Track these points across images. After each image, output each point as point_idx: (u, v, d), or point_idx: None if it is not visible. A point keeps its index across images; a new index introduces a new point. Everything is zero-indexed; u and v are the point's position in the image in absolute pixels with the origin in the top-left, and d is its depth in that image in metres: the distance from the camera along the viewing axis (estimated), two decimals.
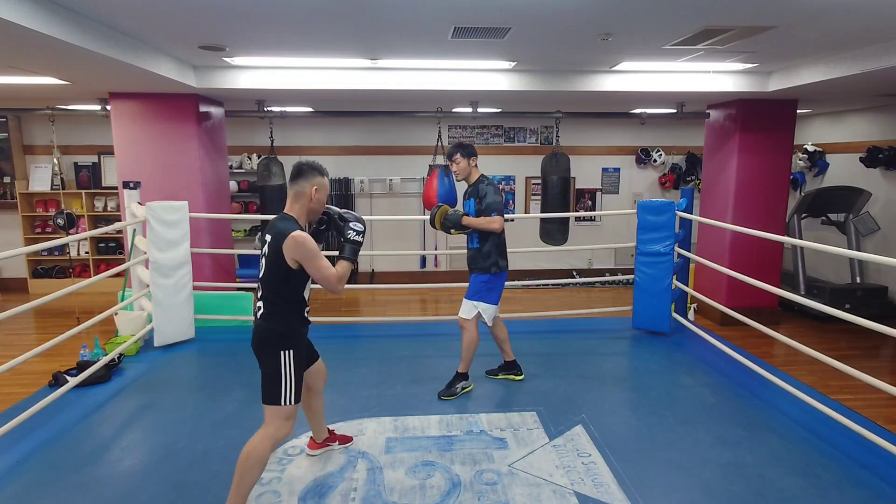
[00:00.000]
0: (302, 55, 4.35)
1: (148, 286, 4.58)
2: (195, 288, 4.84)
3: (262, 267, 2.43)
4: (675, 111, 6.45)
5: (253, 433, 2.44)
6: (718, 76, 5.06)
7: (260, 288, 2.45)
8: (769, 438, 3.17)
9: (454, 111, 6.83)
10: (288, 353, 2.40)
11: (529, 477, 2.81)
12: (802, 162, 7.61)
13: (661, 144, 8.52)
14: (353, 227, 2.50)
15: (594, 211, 8.54)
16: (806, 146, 7.61)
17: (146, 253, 4.50)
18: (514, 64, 4.74)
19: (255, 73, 4.83)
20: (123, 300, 4.82)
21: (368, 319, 6.36)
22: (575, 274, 8.37)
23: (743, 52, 4.17)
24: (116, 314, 4.56)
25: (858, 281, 6.59)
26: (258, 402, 2.45)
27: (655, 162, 8.50)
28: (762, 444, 3.11)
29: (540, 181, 6.27)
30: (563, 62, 4.72)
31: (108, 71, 4.05)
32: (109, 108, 5.30)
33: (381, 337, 5.07)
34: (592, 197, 8.63)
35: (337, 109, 6.81)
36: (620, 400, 3.75)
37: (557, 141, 6.03)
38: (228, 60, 4.49)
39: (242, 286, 5.86)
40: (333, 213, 2.56)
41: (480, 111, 6.28)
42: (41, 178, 7.56)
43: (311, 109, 6.74)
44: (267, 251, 2.38)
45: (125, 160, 5.27)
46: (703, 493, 2.68)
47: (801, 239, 6.66)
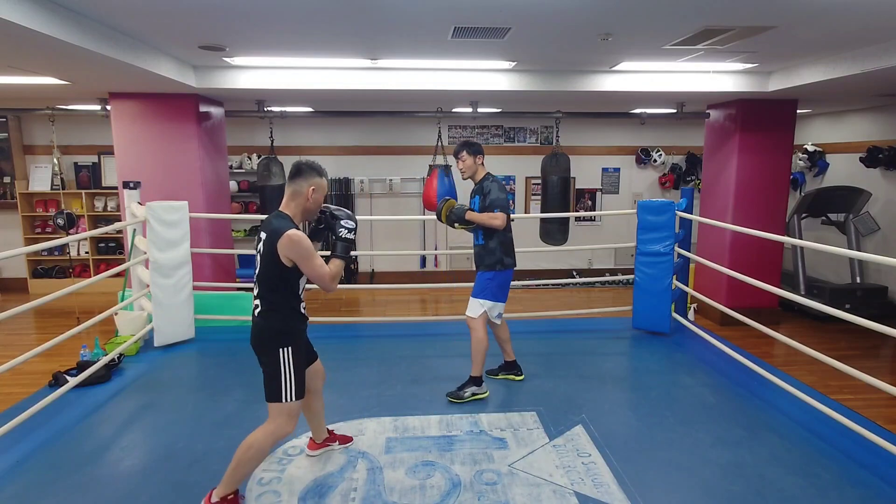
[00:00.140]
0: (302, 55, 4.35)
1: (148, 286, 4.58)
2: (195, 288, 4.83)
3: (257, 265, 2.44)
4: (675, 111, 6.45)
5: None
6: (718, 76, 5.06)
7: (256, 286, 2.45)
8: (769, 438, 3.17)
9: (454, 111, 6.83)
10: (287, 349, 2.41)
11: (529, 477, 2.81)
12: (802, 162, 7.61)
13: (661, 144, 8.52)
14: (344, 224, 2.51)
15: (594, 211, 8.55)
16: (806, 146, 7.61)
17: (146, 253, 4.50)
18: (514, 64, 4.74)
19: (255, 73, 4.83)
20: (123, 300, 4.82)
21: (368, 319, 6.36)
22: (575, 274, 8.37)
23: (743, 52, 4.17)
24: (116, 314, 4.56)
25: (858, 281, 6.59)
26: (258, 402, 2.46)
27: (655, 162, 8.50)
28: (762, 444, 3.11)
29: (540, 181, 6.27)
30: (563, 62, 4.72)
31: (108, 71, 4.06)
32: (109, 108, 5.30)
33: (381, 337, 5.07)
34: (592, 197, 8.63)
35: (337, 109, 6.81)
36: (620, 400, 3.75)
37: (557, 141, 6.03)
38: (228, 60, 4.49)
39: (242, 286, 5.86)
40: (327, 211, 2.57)
41: (480, 111, 6.28)
42: (41, 178, 7.56)
43: (311, 109, 6.74)
44: (262, 249, 2.39)
45: (125, 160, 5.27)
46: (703, 493, 2.68)
47: (801, 239, 6.66)
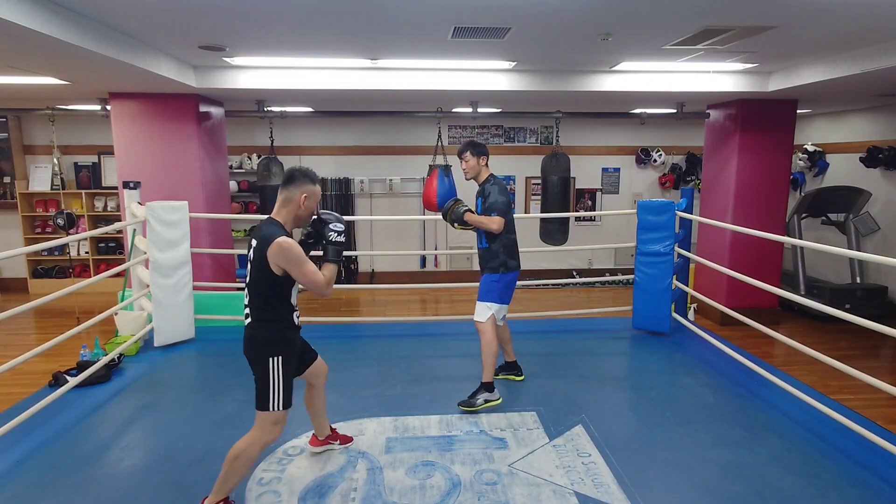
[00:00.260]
0: (302, 55, 4.35)
1: (148, 286, 4.58)
2: (195, 288, 4.84)
3: (248, 272, 2.41)
4: (675, 111, 6.45)
5: None
6: (718, 76, 5.06)
7: (247, 294, 2.43)
8: (769, 438, 3.17)
9: (454, 111, 6.83)
10: (277, 359, 2.40)
11: (529, 477, 2.81)
12: (802, 162, 7.61)
13: (661, 144, 8.51)
14: (332, 228, 2.50)
15: (594, 211, 8.54)
16: (806, 146, 7.60)
17: (146, 253, 4.50)
18: (514, 64, 4.74)
19: (255, 73, 4.83)
20: (123, 300, 4.82)
21: (368, 319, 6.36)
22: (575, 274, 8.37)
23: (743, 52, 4.17)
24: (116, 314, 4.56)
25: (858, 281, 6.59)
26: None
27: (655, 162, 8.50)
28: (762, 444, 3.11)
29: (540, 181, 6.26)
30: (563, 62, 4.72)
31: (108, 71, 4.06)
32: (109, 108, 5.30)
33: (381, 337, 5.07)
34: (592, 197, 8.63)
35: (337, 109, 6.81)
36: (620, 400, 3.75)
37: (557, 141, 6.03)
38: (228, 60, 4.49)
39: (242, 286, 5.85)
40: (314, 217, 2.54)
41: (480, 111, 6.28)
42: (41, 178, 7.56)
43: (311, 109, 6.74)
44: (252, 256, 2.36)
45: (125, 160, 5.27)
46: (703, 493, 2.68)
47: (801, 239, 6.66)
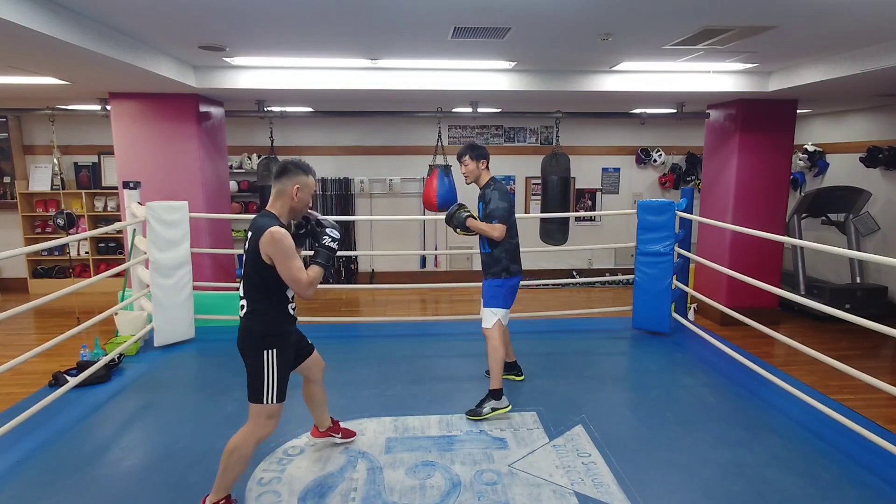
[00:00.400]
0: (302, 55, 4.35)
1: (148, 286, 4.58)
2: (195, 288, 4.83)
3: (243, 264, 2.43)
4: (675, 111, 6.45)
5: None
6: (718, 76, 5.06)
7: (242, 285, 2.44)
8: (769, 438, 3.17)
9: (454, 111, 6.83)
10: (271, 352, 2.40)
11: (529, 477, 2.81)
12: (802, 162, 7.61)
13: (661, 144, 8.51)
14: (329, 233, 2.51)
15: (594, 211, 8.54)
16: (806, 146, 7.61)
17: (146, 253, 4.50)
18: (514, 64, 4.74)
19: (255, 73, 4.83)
20: (123, 300, 4.82)
21: (368, 319, 6.36)
22: (575, 274, 8.37)
23: (743, 52, 4.17)
24: (116, 314, 4.56)
25: (858, 281, 6.59)
26: None
27: (655, 162, 8.50)
28: (762, 444, 3.11)
29: (540, 181, 6.26)
30: (563, 62, 4.72)
31: (108, 71, 4.05)
32: (109, 108, 5.30)
33: (381, 337, 5.07)
34: (592, 197, 8.63)
35: (337, 109, 6.81)
36: (620, 400, 3.75)
37: (557, 141, 6.03)
38: (228, 60, 4.49)
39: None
40: (313, 218, 2.56)
41: (480, 111, 6.28)
42: (41, 178, 7.56)
43: (311, 109, 6.74)
44: (247, 248, 2.38)
45: (125, 160, 5.27)
46: (703, 493, 2.68)
47: (801, 239, 6.66)
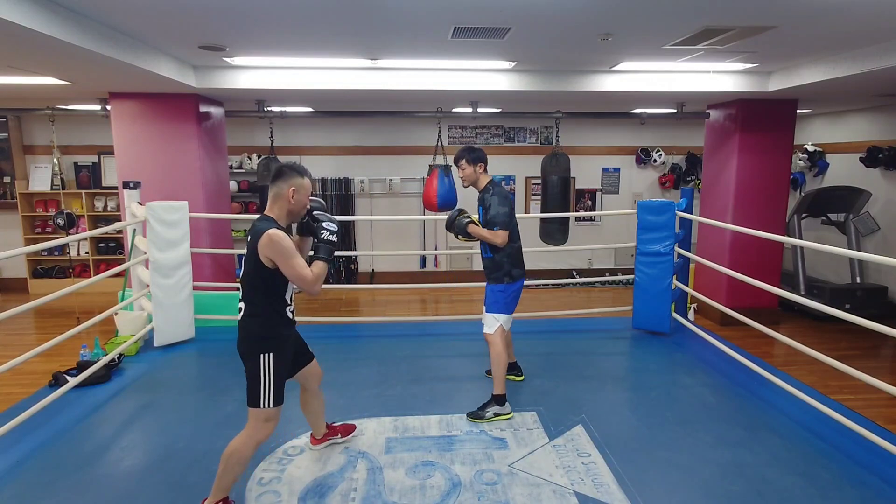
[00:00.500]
0: (302, 55, 4.35)
1: (148, 286, 4.58)
2: (195, 288, 4.84)
3: (243, 267, 2.45)
4: (675, 111, 6.45)
5: None
6: (718, 76, 5.06)
7: (241, 288, 2.45)
8: (769, 438, 3.17)
9: (454, 111, 6.83)
10: (267, 356, 2.40)
11: (529, 477, 2.81)
12: (802, 162, 7.61)
13: (661, 144, 8.51)
14: (325, 227, 2.52)
15: (594, 211, 8.54)
16: (806, 146, 7.60)
17: (146, 253, 4.50)
18: (514, 64, 4.73)
19: (255, 73, 4.83)
20: (123, 300, 4.82)
21: (368, 319, 6.36)
22: (575, 274, 8.37)
23: (743, 52, 4.17)
24: (116, 314, 4.56)
25: (858, 281, 6.58)
26: None
27: (655, 162, 8.50)
28: (762, 444, 3.11)
29: (540, 181, 6.26)
30: (563, 62, 4.72)
31: (108, 71, 4.05)
32: (109, 108, 5.30)
33: (381, 337, 5.07)
34: (592, 197, 8.63)
35: (337, 109, 6.81)
36: (620, 400, 3.75)
37: (557, 141, 6.03)
38: (228, 60, 4.49)
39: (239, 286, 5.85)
40: (310, 213, 2.57)
41: (480, 111, 6.28)
42: (41, 178, 7.56)
43: (311, 109, 6.74)
44: (246, 251, 2.40)
45: (125, 160, 5.27)
46: (703, 493, 2.68)
47: (801, 239, 6.66)
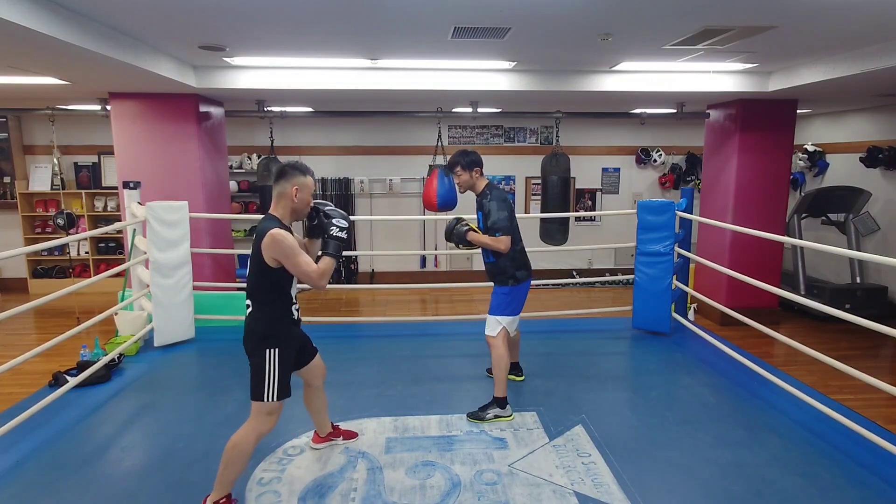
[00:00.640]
0: (302, 55, 4.35)
1: (148, 286, 4.58)
2: (195, 288, 4.83)
3: (249, 266, 2.49)
4: (675, 111, 6.45)
5: None
6: (718, 76, 5.06)
7: (248, 287, 2.50)
8: (769, 438, 3.17)
9: (454, 111, 6.83)
10: (273, 351, 2.44)
11: (529, 477, 2.81)
12: (802, 162, 7.61)
13: (661, 144, 8.51)
14: (336, 223, 2.54)
15: (594, 211, 8.54)
16: (806, 146, 7.61)
17: (146, 253, 4.50)
18: (514, 64, 4.73)
19: (255, 73, 4.83)
20: (123, 300, 4.82)
21: (368, 319, 6.36)
22: (575, 274, 8.37)
23: (743, 52, 4.16)
24: (116, 314, 4.56)
25: (858, 281, 6.58)
26: None
27: (655, 162, 8.50)
28: (762, 444, 3.11)
29: (540, 181, 6.27)
30: (563, 62, 4.72)
31: (108, 71, 4.05)
32: (109, 108, 5.30)
33: (381, 337, 5.07)
34: (592, 197, 8.63)
35: (337, 109, 6.81)
36: (620, 400, 3.75)
37: (557, 141, 6.03)
38: (228, 60, 4.49)
39: (242, 286, 5.82)
40: (321, 210, 2.59)
41: (480, 111, 6.28)
42: (41, 178, 7.56)
43: (311, 109, 6.74)
44: (251, 250, 2.44)
45: (125, 160, 5.26)
46: (703, 493, 2.68)
47: (801, 239, 6.66)
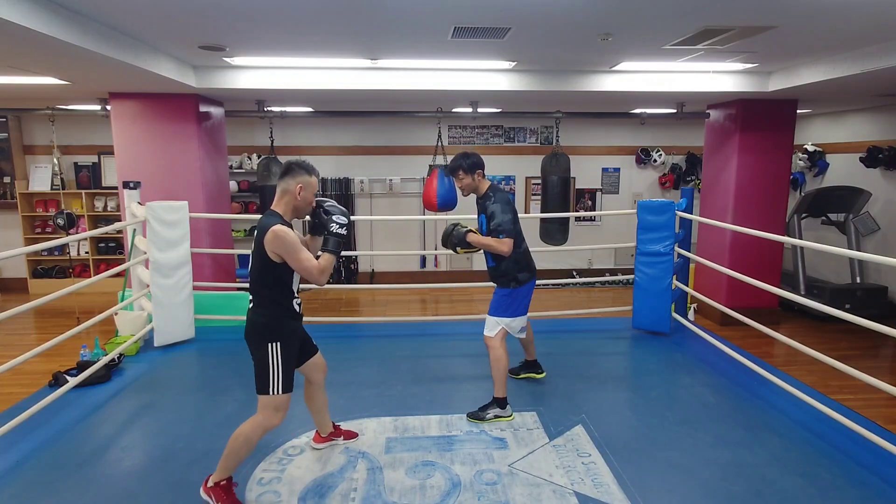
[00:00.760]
0: (302, 55, 4.35)
1: (148, 286, 4.58)
2: (195, 288, 4.84)
3: (251, 261, 2.52)
4: (675, 111, 6.45)
5: None
6: (718, 76, 5.06)
7: (250, 282, 2.53)
8: (769, 438, 3.17)
9: (454, 111, 6.83)
10: (275, 344, 2.47)
11: (529, 477, 2.81)
12: (802, 162, 7.61)
13: (661, 144, 8.51)
14: (336, 220, 2.55)
15: (594, 211, 8.54)
16: (806, 146, 7.60)
17: (146, 253, 4.50)
18: (514, 64, 4.73)
19: (255, 73, 4.83)
20: (123, 300, 4.82)
21: (368, 319, 6.36)
22: (575, 274, 8.37)
23: (743, 52, 4.16)
24: (116, 314, 4.56)
25: (858, 281, 6.58)
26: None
27: (655, 162, 8.50)
28: (762, 444, 3.11)
29: (540, 181, 6.27)
30: (563, 62, 4.72)
31: (108, 71, 4.05)
32: (109, 108, 5.30)
33: (381, 337, 5.07)
34: (592, 197, 8.63)
35: (337, 109, 6.81)
36: (620, 400, 3.75)
37: (557, 141, 6.03)
38: (228, 60, 4.49)
39: (242, 286, 5.85)
40: (320, 205, 2.61)
41: (480, 111, 6.27)
42: (41, 178, 7.56)
43: (311, 109, 6.74)
44: (253, 246, 2.46)
45: (125, 160, 5.26)
46: (703, 493, 2.68)
47: (801, 239, 6.66)
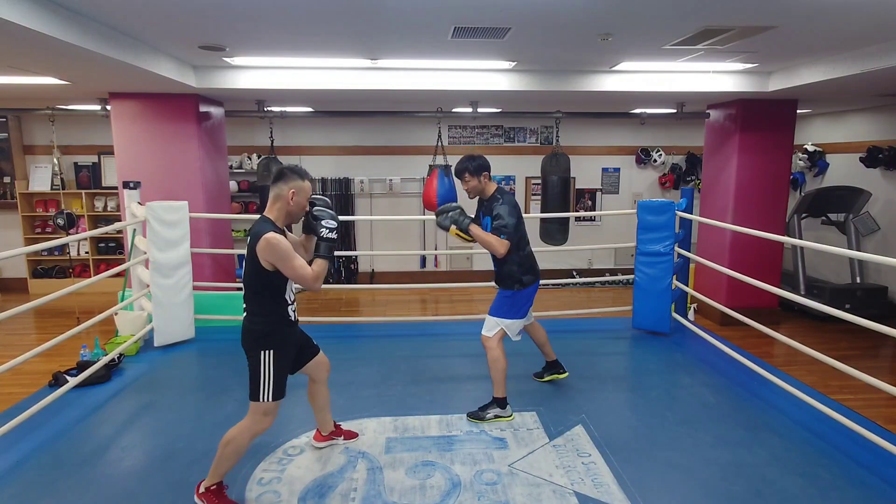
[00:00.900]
0: (302, 55, 4.35)
1: (148, 286, 4.58)
2: (195, 288, 4.83)
3: (244, 268, 2.50)
4: (675, 111, 6.45)
5: None
6: (718, 76, 5.06)
7: (243, 289, 2.52)
8: (769, 438, 3.17)
9: (454, 111, 6.83)
10: (268, 352, 2.46)
11: (529, 477, 2.81)
12: (802, 162, 7.61)
13: (661, 144, 8.51)
14: (325, 224, 2.55)
15: (594, 211, 8.54)
16: (806, 146, 7.60)
17: (146, 253, 4.50)
18: (514, 64, 4.74)
19: (255, 73, 4.83)
20: (123, 300, 4.82)
21: (368, 319, 6.36)
22: (575, 274, 8.37)
23: (743, 52, 4.17)
24: (116, 314, 4.56)
25: (858, 281, 6.58)
26: None
27: (655, 162, 8.50)
28: (762, 444, 3.11)
29: (540, 181, 6.26)
30: (563, 62, 4.72)
31: (108, 71, 4.05)
32: (109, 108, 5.30)
33: (381, 337, 5.07)
34: (592, 197, 8.63)
35: (337, 109, 6.81)
36: (620, 400, 3.75)
37: (557, 141, 6.03)
38: (228, 60, 4.49)
39: (242, 286, 5.86)
40: (309, 210, 2.60)
41: (480, 111, 6.28)
42: (41, 178, 7.56)
43: (311, 109, 6.74)
44: (246, 253, 2.45)
45: (125, 160, 5.26)
46: (703, 493, 2.68)
47: (801, 239, 6.66)
